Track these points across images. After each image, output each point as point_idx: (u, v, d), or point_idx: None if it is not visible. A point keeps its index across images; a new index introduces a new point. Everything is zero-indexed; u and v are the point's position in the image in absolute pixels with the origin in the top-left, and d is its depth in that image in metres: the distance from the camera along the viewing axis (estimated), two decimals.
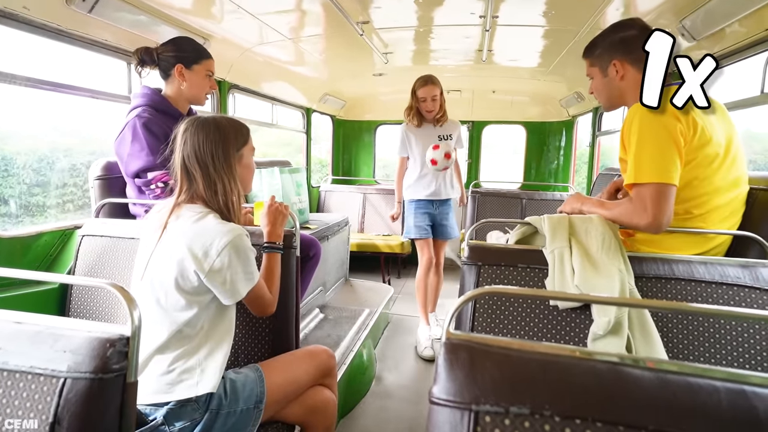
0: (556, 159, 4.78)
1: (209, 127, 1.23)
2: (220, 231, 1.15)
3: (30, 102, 3.68)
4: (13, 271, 0.86)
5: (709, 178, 1.28)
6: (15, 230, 1.67)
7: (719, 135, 1.28)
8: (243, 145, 1.29)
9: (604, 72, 1.44)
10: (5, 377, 0.70)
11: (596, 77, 1.48)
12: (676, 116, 1.23)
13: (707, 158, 1.26)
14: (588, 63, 1.51)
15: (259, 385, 1.23)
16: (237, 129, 1.29)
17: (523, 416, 0.53)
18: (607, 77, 1.44)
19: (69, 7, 1.65)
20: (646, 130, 1.25)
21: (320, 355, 1.46)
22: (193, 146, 1.22)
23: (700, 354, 1.16)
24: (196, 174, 1.22)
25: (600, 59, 1.44)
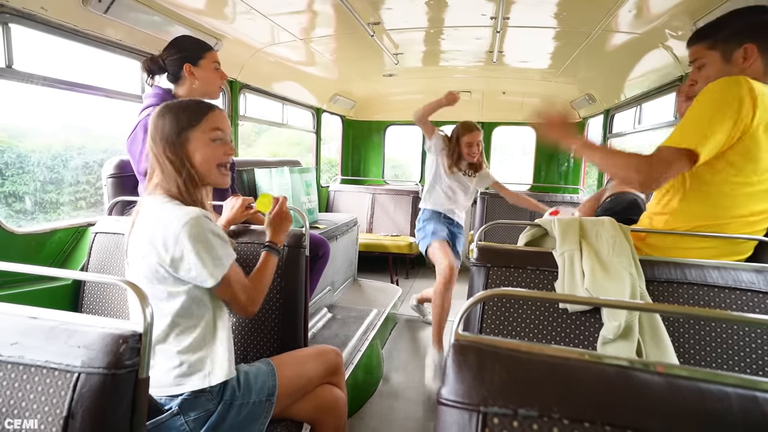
0: (567, 161, 4.74)
1: (159, 113, 1.18)
2: (175, 217, 1.08)
3: (44, 100, 3.74)
4: (27, 267, 0.87)
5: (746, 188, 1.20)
6: (30, 227, 1.70)
7: None
8: (190, 125, 1.17)
9: (728, 57, 1.24)
10: (21, 371, 0.71)
11: (713, 63, 1.27)
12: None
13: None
14: (705, 46, 1.28)
15: (271, 378, 1.24)
16: (185, 109, 1.18)
17: (531, 419, 0.53)
18: (729, 63, 1.25)
19: (85, 8, 1.68)
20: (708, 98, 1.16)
21: (328, 353, 1.46)
22: (149, 134, 1.18)
23: (712, 360, 1.14)
24: (153, 162, 1.18)
25: (726, 42, 1.24)
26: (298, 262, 1.51)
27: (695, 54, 1.32)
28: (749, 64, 1.22)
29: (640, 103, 3.15)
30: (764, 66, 1.23)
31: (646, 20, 2.13)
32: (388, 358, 2.73)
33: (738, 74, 1.19)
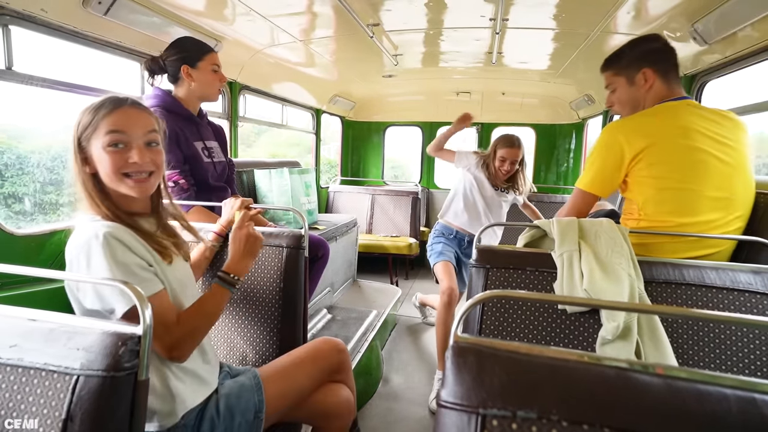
0: (566, 162, 4.75)
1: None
2: (71, 244, 0.98)
3: (44, 101, 3.74)
4: (26, 269, 0.87)
5: (699, 185, 1.31)
6: (29, 228, 1.70)
7: (717, 147, 1.33)
8: (87, 134, 1.00)
9: (631, 81, 1.47)
10: (20, 374, 0.71)
11: (621, 87, 1.51)
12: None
13: (686, 168, 1.32)
14: (611, 73, 1.52)
15: (257, 394, 1.14)
16: (84, 112, 1.01)
17: (530, 420, 0.53)
18: (634, 86, 1.47)
19: (85, 10, 1.68)
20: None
21: (326, 352, 1.34)
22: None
23: (710, 360, 1.15)
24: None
25: (627, 69, 1.47)
26: (297, 264, 1.51)
27: (607, 80, 1.56)
28: (650, 85, 1.43)
29: None
30: (665, 85, 1.43)
31: (644, 22, 2.13)
32: (388, 360, 2.73)
33: (643, 95, 1.45)
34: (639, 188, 1.39)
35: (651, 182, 1.35)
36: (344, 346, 1.43)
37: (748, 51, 1.85)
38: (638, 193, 1.40)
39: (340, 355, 1.37)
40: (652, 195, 1.36)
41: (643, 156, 1.34)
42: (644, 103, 1.47)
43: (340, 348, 1.39)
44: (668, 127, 1.35)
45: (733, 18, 1.74)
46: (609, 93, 1.58)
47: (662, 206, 1.35)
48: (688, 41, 2.04)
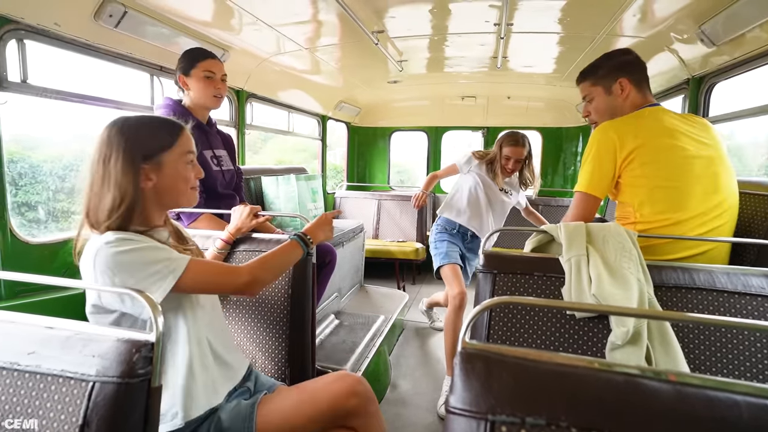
0: (573, 164, 4.73)
1: (114, 129, 1.02)
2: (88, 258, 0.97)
3: (56, 112, 3.81)
4: (41, 278, 0.89)
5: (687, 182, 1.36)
6: (43, 237, 1.73)
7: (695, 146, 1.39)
8: (160, 149, 1.04)
9: (608, 90, 1.54)
10: (38, 380, 0.73)
11: (598, 97, 1.57)
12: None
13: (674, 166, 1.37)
14: (589, 84, 1.59)
15: (246, 423, 1.09)
16: (154, 131, 1.06)
17: (539, 427, 0.53)
18: (611, 95, 1.54)
19: (97, 23, 1.72)
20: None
21: (338, 393, 1.15)
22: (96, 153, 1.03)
23: (722, 366, 1.13)
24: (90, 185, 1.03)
25: (604, 79, 1.54)
26: (305, 270, 1.52)
27: (584, 91, 1.62)
28: (626, 93, 1.51)
29: None
30: (640, 94, 1.51)
31: (650, 24, 2.13)
32: (396, 365, 2.73)
33: (621, 103, 1.52)
34: (633, 189, 1.42)
35: (644, 182, 1.39)
36: (366, 390, 1.19)
37: (757, 52, 1.85)
38: (632, 194, 1.42)
39: (355, 399, 1.15)
40: (647, 195, 1.39)
41: (635, 156, 1.39)
42: (621, 110, 1.52)
43: (357, 390, 1.16)
44: (655, 128, 1.41)
45: (741, 19, 1.73)
46: (586, 103, 1.64)
47: (656, 205, 1.38)
48: (696, 43, 2.04)
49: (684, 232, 1.36)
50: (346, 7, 1.99)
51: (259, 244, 1.56)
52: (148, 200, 1.06)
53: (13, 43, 1.55)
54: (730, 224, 1.42)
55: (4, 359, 0.74)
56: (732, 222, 1.42)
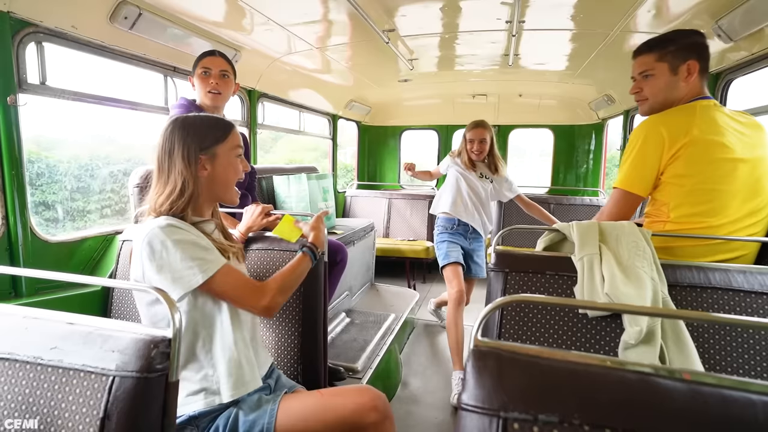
0: (586, 163, 4.68)
1: (176, 125, 1.15)
2: (141, 235, 1.07)
3: (72, 112, 3.88)
4: (61, 275, 0.92)
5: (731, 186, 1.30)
6: (62, 236, 1.77)
7: (743, 147, 1.31)
8: (215, 142, 1.17)
9: (675, 70, 1.39)
10: (60, 374, 0.75)
11: (661, 75, 1.41)
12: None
13: (721, 168, 1.30)
14: (654, 58, 1.42)
15: (267, 419, 1.13)
16: (210, 126, 1.18)
17: (551, 424, 0.54)
18: (675, 75, 1.39)
19: (112, 25, 1.75)
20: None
21: (356, 399, 1.17)
22: (159, 143, 1.16)
23: (738, 366, 1.12)
24: (155, 173, 1.16)
25: (674, 56, 1.38)
26: (316, 268, 1.53)
27: (644, 65, 1.44)
28: (691, 78, 1.38)
29: None
30: (701, 82, 1.40)
31: (665, 20, 2.10)
32: (407, 363, 2.74)
33: (681, 87, 1.39)
34: (672, 188, 1.34)
35: (685, 182, 1.31)
36: (385, 408, 1.19)
37: None
38: (671, 193, 1.35)
39: (374, 414, 1.16)
40: (685, 196, 1.32)
41: (682, 153, 1.30)
42: (677, 95, 1.40)
43: (379, 406, 1.17)
44: (706, 125, 1.31)
45: (759, 14, 1.70)
46: (639, 78, 1.46)
47: (694, 207, 1.32)
48: (713, 38, 2.00)
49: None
50: (357, 6, 2.00)
51: (271, 242, 1.58)
52: (203, 189, 1.17)
53: (32, 46, 1.58)
54: (763, 231, 1.36)
55: (28, 353, 0.77)
56: (765, 228, 1.36)
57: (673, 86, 1.40)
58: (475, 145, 2.71)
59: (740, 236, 1.31)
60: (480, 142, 2.70)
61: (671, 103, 1.42)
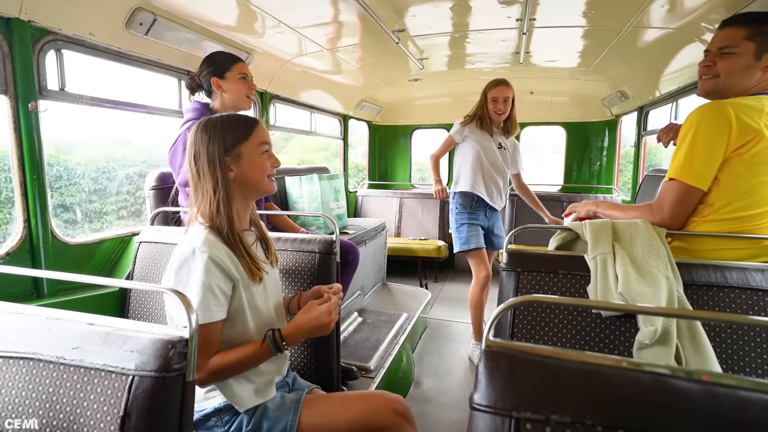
0: (599, 160, 4.62)
1: (199, 129, 1.14)
2: (180, 245, 1.08)
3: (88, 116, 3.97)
4: (79, 276, 0.94)
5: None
6: (80, 237, 1.82)
7: None
8: (237, 142, 1.13)
9: (759, 54, 1.22)
10: (82, 373, 0.77)
11: (743, 54, 1.23)
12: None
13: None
14: (743, 34, 1.23)
15: (291, 417, 1.14)
16: (231, 126, 1.14)
17: (564, 424, 0.54)
18: (758, 61, 1.22)
19: (128, 31, 1.79)
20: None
21: (378, 402, 1.19)
22: (188, 149, 1.15)
23: (757, 366, 1.10)
24: (191, 180, 1.15)
25: (764, 39, 1.21)
26: (329, 268, 1.55)
27: (729, 39, 1.25)
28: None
29: (677, 99, 3.04)
30: None
31: (680, 14, 2.06)
32: (419, 363, 2.74)
33: (755, 76, 1.23)
34: (723, 190, 1.22)
35: (742, 184, 1.18)
36: (406, 410, 1.21)
37: None
38: (719, 194, 1.23)
39: (395, 417, 1.17)
40: (736, 198, 1.19)
41: (747, 149, 1.15)
42: (750, 83, 1.25)
43: (400, 410, 1.19)
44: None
45: None
46: (716, 53, 1.29)
47: (737, 205, 1.21)
48: None
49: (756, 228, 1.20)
50: (366, 7, 2.01)
51: (284, 243, 1.60)
52: (235, 192, 1.15)
53: (52, 54, 1.63)
54: None
55: (52, 353, 0.79)
56: None
57: (750, 72, 1.24)
58: (499, 104, 2.60)
59: None
60: (504, 101, 2.61)
61: (738, 90, 1.27)
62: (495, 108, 2.62)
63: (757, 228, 1.24)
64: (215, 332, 1.07)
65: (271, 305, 1.24)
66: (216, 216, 1.11)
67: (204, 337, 1.03)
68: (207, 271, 1.04)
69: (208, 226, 1.11)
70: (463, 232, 2.66)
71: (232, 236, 1.12)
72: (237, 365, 1.09)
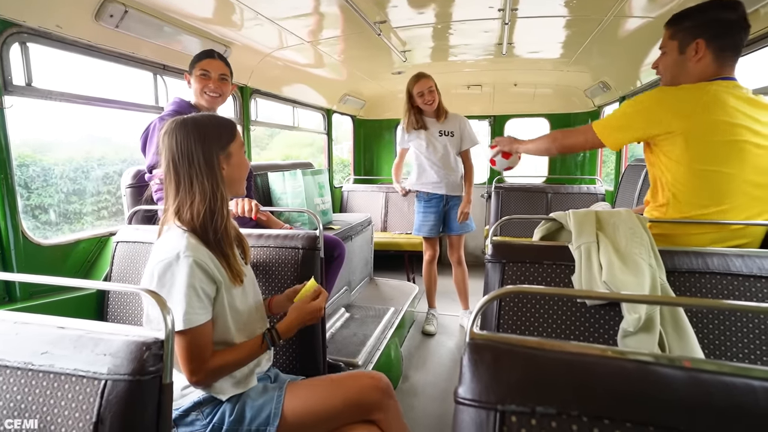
0: (582, 151, 4.66)
1: (182, 129, 1.10)
2: (160, 250, 1.06)
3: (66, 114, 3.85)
4: (54, 279, 0.90)
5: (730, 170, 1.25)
6: (55, 238, 1.75)
7: (755, 132, 1.25)
8: (229, 141, 1.16)
9: (683, 49, 1.35)
10: (52, 379, 0.74)
11: (671, 53, 1.39)
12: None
13: (725, 150, 1.25)
14: (668, 34, 1.39)
15: (274, 405, 1.14)
16: (220, 125, 1.16)
17: (549, 416, 0.53)
18: (683, 55, 1.35)
19: (98, 23, 1.72)
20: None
21: (362, 386, 1.21)
22: (171, 150, 1.10)
23: (738, 350, 1.12)
24: (173, 181, 1.11)
25: (684, 35, 1.34)
26: (313, 264, 1.53)
27: (662, 41, 1.43)
28: (698, 58, 1.32)
29: None
30: (716, 63, 1.31)
31: (659, 3, 2.07)
32: (407, 356, 2.74)
33: (691, 68, 1.34)
34: (671, 171, 1.32)
35: (684, 161, 1.28)
36: (387, 386, 1.25)
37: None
38: (670, 178, 1.32)
39: (378, 393, 1.21)
40: (686, 179, 1.29)
41: (681, 132, 1.27)
42: (688, 76, 1.35)
43: (382, 386, 1.23)
44: (714, 106, 1.25)
45: None
46: (660, 54, 1.45)
47: (696, 193, 1.28)
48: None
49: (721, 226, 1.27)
50: None
51: (267, 239, 1.57)
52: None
53: (17, 47, 1.56)
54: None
55: (19, 359, 0.76)
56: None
57: (682, 65, 1.36)
58: (426, 96, 2.78)
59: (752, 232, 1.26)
60: (430, 92, 2.79)
61: (684, 81, 1.36)
62: (424, 101, 2.81)
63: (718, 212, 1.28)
64: (208, 333, 1.07)
65: (251, 305, 1.23)
66: (209, 217, 1.09)
67: (198, 340, 1.03)
68: (193, 275, 1.03)
69: (189, 229, 1.09)
70: (418, 219, 3.04)
71: (226, 237, 1.13)
72: (235, 364, 1.11)
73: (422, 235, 3.02)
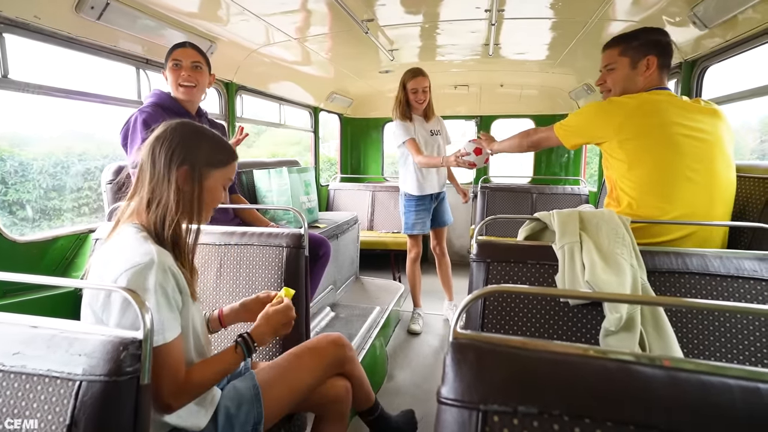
0: (567, 152, 4.72)
1: (188, 129, 1.07)
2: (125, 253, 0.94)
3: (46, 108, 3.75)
4: (29, 277, 0.88)
5: (675, 167, 1.38)
6: (31, 235, 1.70)
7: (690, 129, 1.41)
8: (219, 164, 1.09)
9: (635, 64, 1.53)
10: (23, 380, 0.72)
11: (621, 68, 1.55)
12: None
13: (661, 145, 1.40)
14: (618, 51, 1.56)
15: (256, 406, 1.13)
16: (223, 147, 1.12)
17: (531, 416, 0.53)
18: (635, 69, 1.53)
19: (78, 15, 1.67)
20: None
21: (326, 348, 1.33)
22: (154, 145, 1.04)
23: (716, 349, 1.14)
24: (146, 177, 1.03)
25: (635, 52, 1.52)
26: (297, 263, 1.51)
27: (608, 59, 1.60)
28: (650, 72, 1.51)
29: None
30: (659, 76, 1.53)
31: (643, 7, 2.11)
32: (392, 356, 2.74)
33: (640, 81, 1.53)
34: (618, 170, 1.47)
35: (625, 158, 1.44)
36: (344, 340, 1.40)
37: (749, 34, 1.83)
38: (620, 179, 1.48)
39: (340, 349, 1.36)
40: (633, 176, 1.43)
41: (622, 134, 1.43)
42: (636, 86, 1.53)
43: (340, 342, 1.37)
44: (650, 109, 1.43)
45: (733, 1, 1.72)
46: (605, 71, 1.62)
47: (646, 189, 1.41)
48: (688, 26, 2.02)
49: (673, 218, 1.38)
50: None
51: (251, 237, 1.55)
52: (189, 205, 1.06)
53: None
54: (723, 210, 1.42)
55: None
56: (727, 216, 1.44)
57: (631, 79, 1.54)
58: (419, 94, 2.76)
59: (699, 220, 1.37)
60: (423, 91, 2.77)
61: (630, 93, 1.54)
62: (416, 98, 2.78)
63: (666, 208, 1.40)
64: (180, 347, 0.97)
65: (203, 323, 1.16)
66: (172, 219, 1.01)
67: (174, 354, 0.94)
68: (166, 284, 0.94)
69: (155, 233, 1.01)
70: (409, 218, 2.96)
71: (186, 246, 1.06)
72: (215, 376, 1.03)
73: (415, 233, 2.99)
